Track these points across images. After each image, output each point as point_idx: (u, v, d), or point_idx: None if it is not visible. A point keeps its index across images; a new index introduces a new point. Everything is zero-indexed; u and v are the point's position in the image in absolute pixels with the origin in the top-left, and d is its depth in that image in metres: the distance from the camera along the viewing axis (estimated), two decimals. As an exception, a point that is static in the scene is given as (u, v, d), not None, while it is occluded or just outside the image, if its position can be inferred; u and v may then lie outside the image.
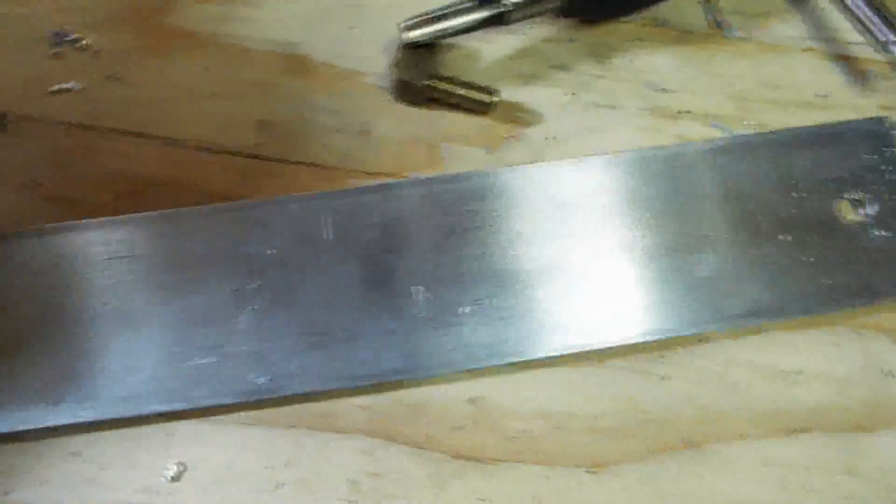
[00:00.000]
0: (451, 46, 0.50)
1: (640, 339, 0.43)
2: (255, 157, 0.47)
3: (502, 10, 0.46)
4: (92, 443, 0.41)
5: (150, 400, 0.41)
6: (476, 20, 0.46)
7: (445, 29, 0.46)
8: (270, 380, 0.42)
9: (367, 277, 0.44)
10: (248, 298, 0.43)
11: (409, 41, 0.46)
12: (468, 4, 0.46)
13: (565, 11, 0.48)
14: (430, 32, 0.46)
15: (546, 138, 0.48)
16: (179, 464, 0.41)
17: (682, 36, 0.51)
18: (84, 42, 0.49)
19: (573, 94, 0.49)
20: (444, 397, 0.42)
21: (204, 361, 0.42)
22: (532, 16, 0.47)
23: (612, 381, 0.43)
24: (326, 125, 0.48)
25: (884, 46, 0.47)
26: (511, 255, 0.44)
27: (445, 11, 0.46)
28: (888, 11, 0.47)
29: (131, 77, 0.48)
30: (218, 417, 0.42)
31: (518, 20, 0.47)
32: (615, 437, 0.42)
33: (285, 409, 0.42)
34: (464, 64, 0.50)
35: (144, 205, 0.44)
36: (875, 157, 0.47)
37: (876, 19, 0.47)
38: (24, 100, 0.47)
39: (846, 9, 0.49)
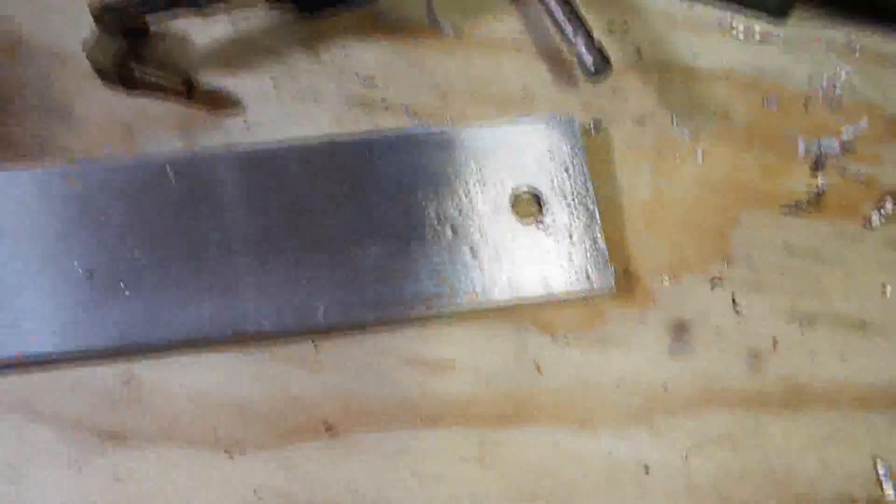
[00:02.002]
0: (164, 33, 0.50)
1: (294, 328, 0.43)
2: (-54, 135, 0.47)
3: (191, -6, 0.46)
4: None
5: None
6: (165, 3, 0.46)
7: (131, 12, 0.46)
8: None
9: (35, 256, 0.44)
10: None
11: (95, 21, 0.46)
12: (158, -12, 0.46)
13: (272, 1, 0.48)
14: (117, 16, 0.46)
15: (243, 125, 0.48)
16: None
17: (397, 30, 0.52)
18: None
19: (277, 83, 0.50)
20: (97, 377, 0.43)
21: None
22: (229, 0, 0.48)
23: (268, 367, 0.43)
24: (27, 105, 0.48)
25: (571, 43, 0.47)
26: (182, 239, 0.45)
27: (133, -6, 0.46)
28: (579, 13, 0.48)
29: None
30: None
31: (214, 4, 0.47)
32: (260, 421, 0.42)
33: (-67, 387, 0.42)
34: (174, 50, 0.51)
35: None
36: (561, 154, 0.47)
37: (567, 16, 0.48)
38: None
39: (546, 5, 0.49)
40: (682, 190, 0.48)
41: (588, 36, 0.47)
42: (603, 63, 0.46)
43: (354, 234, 0.45)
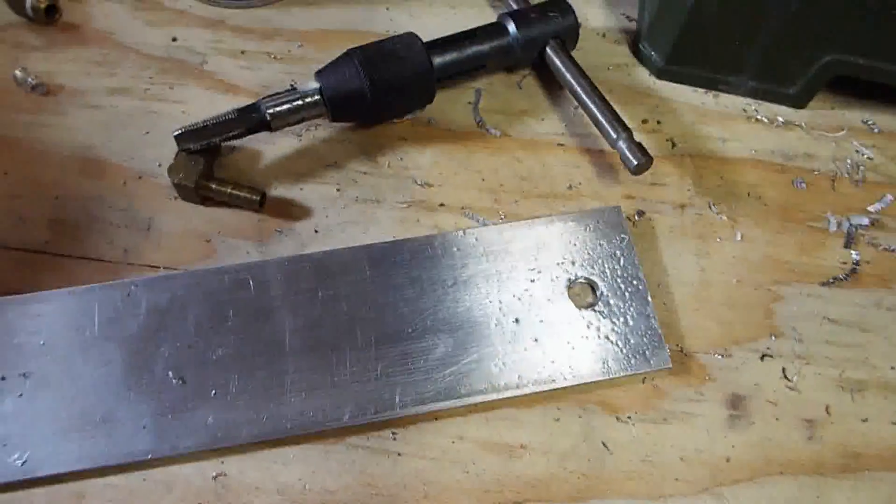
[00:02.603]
0: (234, 148, 0.55)
1: (374, 419, 0.46)
2: (44, 252, 0.51)
3: (264, 119, 0.51)
4: None
5: None
6: (241, 130, 0.51)
7: (211, 138, 0.51)
8: (26, 462, 0.45)
9: (128, 363, 0.47)
10: (16, 385, 0.47)
11: (180, 148, 0.51)
12: (232, 115, 0.51)
13: (334, 117, 0.53)
14: (197, 141, 0.51)
15: (313, 231, 0.53)
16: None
17: (448, 134, 0.56)
18: None
19: (341, 189, 0.54)
20: (190, 475, 0.45)
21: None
22: (297, 123, 0.52)
23: (349, 457, 0.46)
24: (112, 222, 0.53)
25: (614, 143, 0.52)
26: (264, 342, 0.48)
27: (212, 122, 0.51)
28: (615, 113, 0.52)
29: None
30: (-24, 499, 0.45)
31: (283, 127, 0.52)
32: (345, 510, 0.45)
33: (40, 491, 0.45)
34: (245, 164, 0.55)
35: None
36: (611, 243, 0.51)
37: (608, 118, 0.52)
38: None
39: (586, 109, 0.54)
40: (726, 269, 0.52)
41: (629, 134, 0.51)
42: (645, 158, 0.50)
43: (424, 328, 0.48)
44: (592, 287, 0.50)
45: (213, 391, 0.46)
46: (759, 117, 0.58)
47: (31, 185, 0.53)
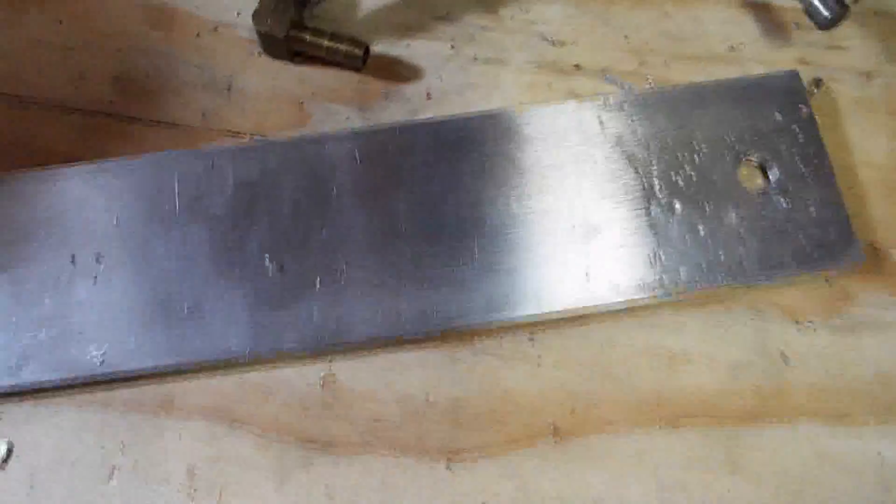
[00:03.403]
0: (328, -4, 0.46)
1: (509, 319, 0.38)
2: (109, 115, 0.43)
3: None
4: None
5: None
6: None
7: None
8: (106, 356, 0.38)
9: (216, 246, 0.40)
10: (88, 268, 0.39)
11: (267, -13, 0.42)
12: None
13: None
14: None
15: (425, 95, 0.44)
16: (9, 442, 0.37)
17: (583, -17, 0.46)
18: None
19: (456, 47, 0.45)
20: (294, 378, 0.39)
21: (38, 336, 0.38)
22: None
23: (479, 363, 0.39)
24: (187, 81, 0.44)
25: (798, -8, 0.42)
26: (374, 224, 0.40)
27: (307, -46, 0.41)
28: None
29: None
30: (53, 398, 0.38)
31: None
32: (477, 425, 0.38)
33: (123, 391, 0.39)
34: (340, 14, 0.46)
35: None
36: (786, 115, 0.42)
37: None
38: None
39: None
40: (924, 151, 0.42)
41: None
42: (840, 8, 0.40)
43: (564, 213, 0.40)
44: (765, 168, 0.41)
45: (318, 281, 0.38)
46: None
47: (90, 35, 0.45)
